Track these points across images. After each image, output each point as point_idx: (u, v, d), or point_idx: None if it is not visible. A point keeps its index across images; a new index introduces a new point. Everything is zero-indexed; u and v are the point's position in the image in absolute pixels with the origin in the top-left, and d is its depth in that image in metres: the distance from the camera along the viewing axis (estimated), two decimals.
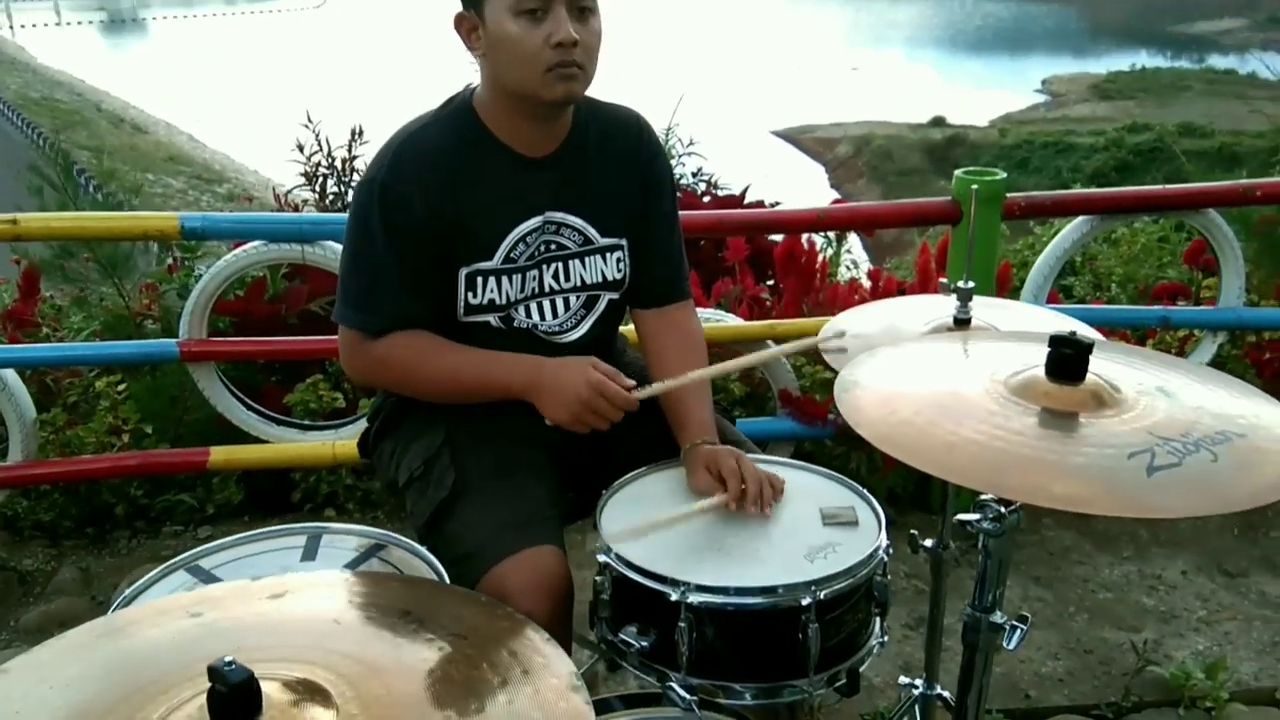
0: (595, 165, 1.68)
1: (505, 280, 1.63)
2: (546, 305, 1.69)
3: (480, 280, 1.62)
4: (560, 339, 1.70)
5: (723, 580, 1.38)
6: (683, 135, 5.07)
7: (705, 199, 4.60)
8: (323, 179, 4.69)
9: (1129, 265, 4.14)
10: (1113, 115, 28.16)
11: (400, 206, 1.55)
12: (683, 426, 1.67)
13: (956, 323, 1.72)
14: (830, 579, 1.38)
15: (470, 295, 1.63)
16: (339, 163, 4.68)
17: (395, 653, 1.04)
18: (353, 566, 1.51)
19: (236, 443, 2.98)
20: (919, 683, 1.89)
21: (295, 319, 3.24)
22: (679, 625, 1.36)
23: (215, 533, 2.95)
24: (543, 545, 1.49)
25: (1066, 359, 1.24)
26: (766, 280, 3.74)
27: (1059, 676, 2.43)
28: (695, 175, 5.11)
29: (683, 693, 1.38)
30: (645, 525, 1.45)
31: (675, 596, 1.36)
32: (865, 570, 1.43)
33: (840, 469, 1.68)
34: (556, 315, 1.70)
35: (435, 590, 1.33)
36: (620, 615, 1.45)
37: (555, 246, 1.67)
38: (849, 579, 1.40)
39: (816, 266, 3.32)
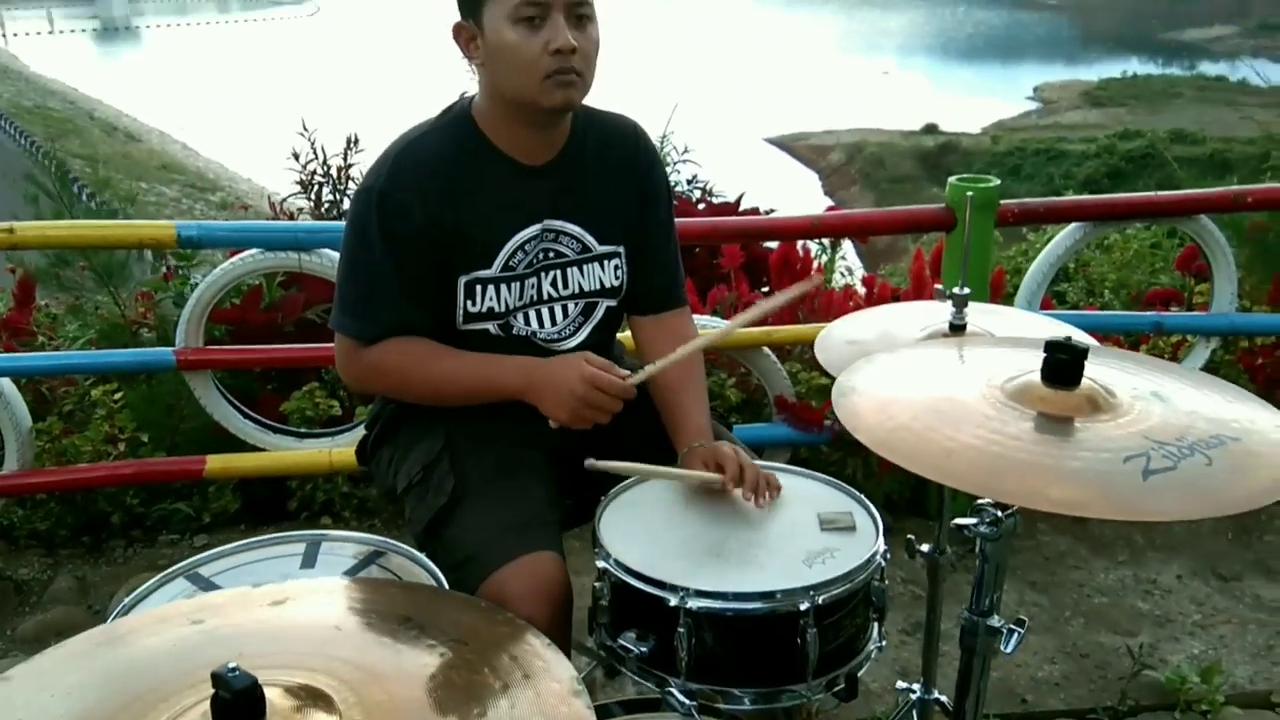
0: (593, 173, 1.69)
1: (504, 288, 1.64)
2: (545, 313, 1.70)
3: (479, 288, 1.63)
4: (558, 346, 1.71)
5: (722, 585, 1.38)
6: (677, 143, 5.08)
7: (700, 206, 4.61)
8: (318, 187, 4.69)
9: (1122, 271, 4.16)
10: (1104, 122, 28.32)
11: (399, 214, 1.56)
12: (680, 431, 1.68)
13: (952, 329, 1.73)
14: (828, 584, 1.38)
15: (469, 303, 1.63)
16: (334, 171, 4.67)
17: (396, 658, 1.04)
18: (352, 573, 1.51)
19: (233, 451, 2.98)
20: (916, 688, 1.89)
21: (291, 327, 3.24)
22: (678, 630, 1.36)
23: (211, 541, 2.95)
24: (542, 551, 1.49)
25: (1062, 364, 1.25)
26: (761, 287, 3.75)
27: (1055, 681, 2.44)
28: (690, 183, 5.12)
29: (682, 698, 1.38)
30: (641, 529, 1.44)
31: (674, 602, 1.36)
32: (863, 575, 1.43)
33: (836, 475, 1.68)
34: (555, 322, 1.71)
35: (435, 596, 1.33)
36: (619, 621, 1.45)
37: (553, 254, 1.68)
38: (847, 584, 1.40)
39: (811, 273, 3.34)
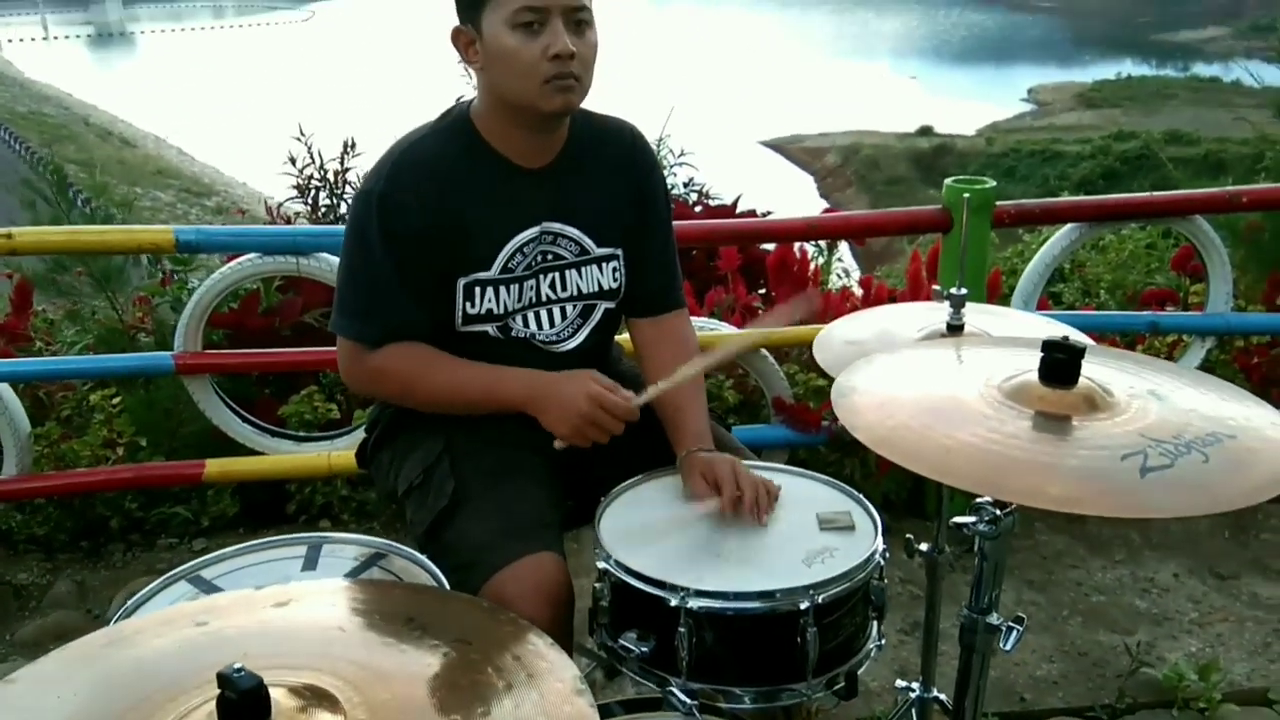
0: (591, 176, 1.69)
1: (503, 290, 1.65)
2: (544, 315, 1.70)
3: (478, 290, 1.63)
4: (557, 348, 1.71)
5: (722, 585, 1.39)
6: (674, 146, 5.09)
7: (697, 209, 4.62)
8: (315, 191, 4.69)
9: (1117, 272, 4.18)
10: (1099, 123, 28.41)
11: (399, 216, 1.56)
12: (679, 434, 1.68)
13: (950, 329, 1.74)
14: (828, 583, 1.39)
15: (468, 305, 1.64)
16: (331, 175, 4.67)
17: (400, 658, 1.05)
18: (353, 575, 1.51)
19: (231, 455, 2.98)
20: (916, 686, 1.90)
21: (289, 331, 3.24)
22: (679, 630, 1.37)
23: (210, 545, 2.95)
24: (543, 552, 1.50)
25: (1059, 363, 1.26)
26: (759, 289, 3.76)
27: (1054, 679, 2.45)
28: (687, 185, 5.13)
29: (683, 697, 1.38)
30: (641, 529, 1.45)
31: (675, 602, 1.37)
32: (862, 574, 1.44)
33: (834, 476, 1.69)
34: (554, 325, 1.71)
35: (438, 597, 1.33)
36: (620, 621, 1.46)
37: (552, 257, 1.68)
38: (846, 583, 1.41)
39: (809, 275, 3.35)
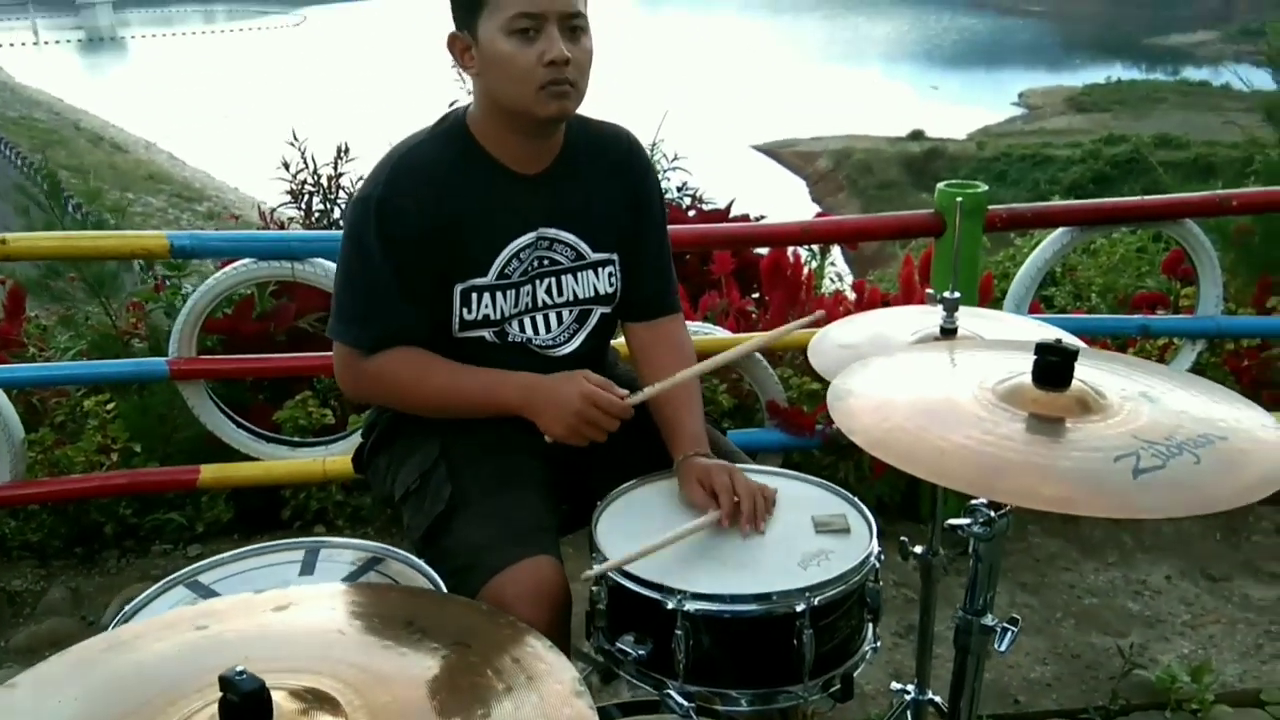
0: (587, 181, 1.70)
1: (499, 295, 1.65)
2: (540, 320, 1.71)
3: (475, 296, 1.64)
4: (554, 353, 1.72)
5: (718, 588, 1.39)
6: (667, 150, 5.11)
7: (690, 213, 4.63)
8: (308, 196, 4.70)
9: (1108, 275, 4.20)
10: (1089, 127, 28.54)
11: (396, 221, 1.57)
12: (675, 438, 1.69)
13: (943, 332, 1.74)
14: (824, 585, 1.40)
15: (465, 311, 1.64)
16: (325, 180, 4.68)
17: (400, 661, 1.05)
18: (351, 580, 1.52)
19: (225, 460, 2.98)
20: (911, 689, 1.90)
21: (283, 336, 3.25)
22: (675, 633, 1.38)
23: (205, 551, 2.94)
24: (540, 555, 1.50)
25: (1053, 365, 1.27)
26: (752, 293, 3.77)
27: (1047, 681, 2.46)
28: (680, 190, 5.15)
29: (681, 700, 1.39)
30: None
31: (671, 605, 1.38)
32: (858, 576, 1.45)
33: (829, 479, 1.70)
34: (550, 330, 1.72)
35: (437, 600, 1.34)
36: (617, 624, 1.46)
37: (548, 262, 1.69)
38: (842, 585, 1.42)
39: (802, 279, 3.36)
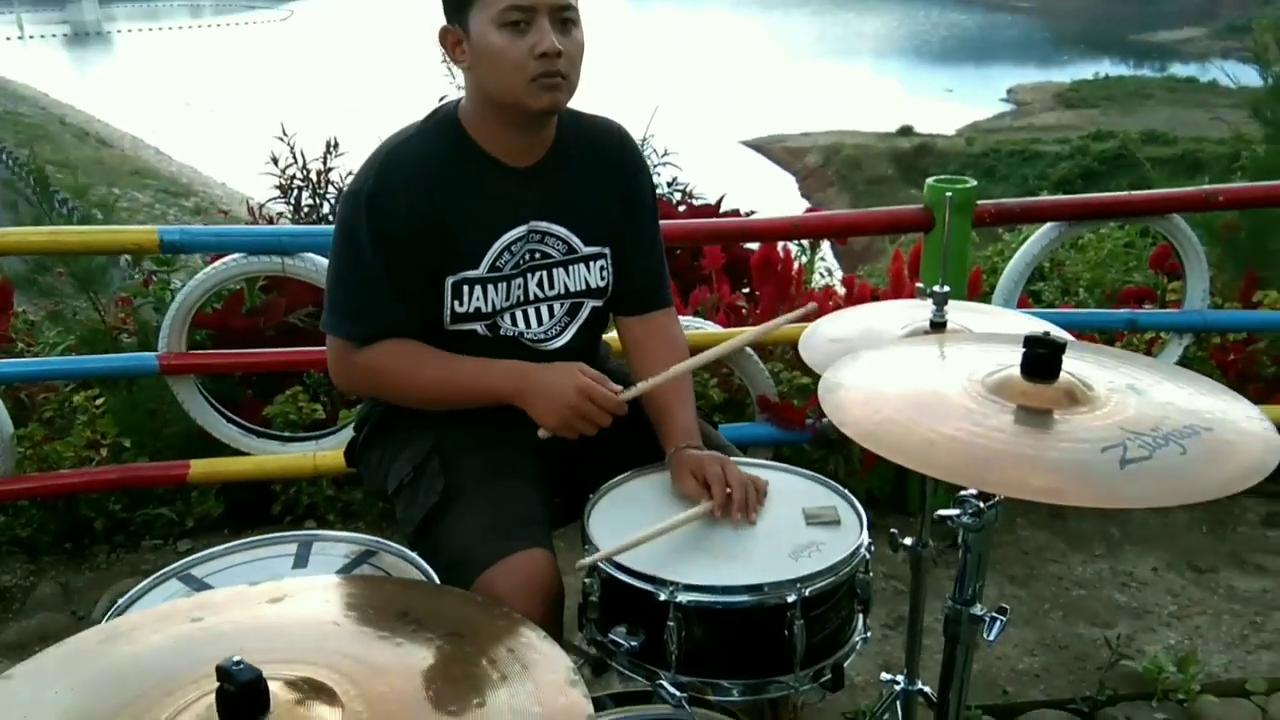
0: (578, 175, 1.71)
1: (491, 289, 1.66)
2: (531, 313, 1.72)
3: (466, 289, 1.64)
4: (545, 346, 1.73)
5: (710, 579, 1.40)
6: (657, 146, 5.11)
7: (681, 208, 4.64)
8: (298, 191, 4.68)
9: (1096, 270, 4.22)
10: (1077, 123, 28.63)
11: (388, 215, 1.57)
12: (667, 431, 1.69)
13: (933, 326, 1.76)
14: (815, 576, 1.41)
15: (456, 304, 1.65)
16: (314, 175, 4.67)
17: (396, 652, 1.06)
18: (344, 572, 1.53)
19: (214, 455, 2.97)
20: (900, 679, 1.92)
21: (273, 331, 3.24)
22: (668, 624, 1.39)
23: (196, 546, 2.94)
24: (533, 549, 1.51)
25: (1041, 358, 1.28)
26: (742, 288, 3.78)
27: (1035, 672, 2.48)
28: (671, 185, 5.15)
29: (673, 690, 1.40)
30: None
31: (664, 596, 1.39)
32: (848, 567, 1.46)
33: (819, 473, 1.71)
34: (541, 323, 1.73)
35: (431, 591, 1.35)
36: (609, 616, 1.47)
37: (540, 255, 1.70)
38: (833, 576, 1.43)
39: (792, 274, 3.37)
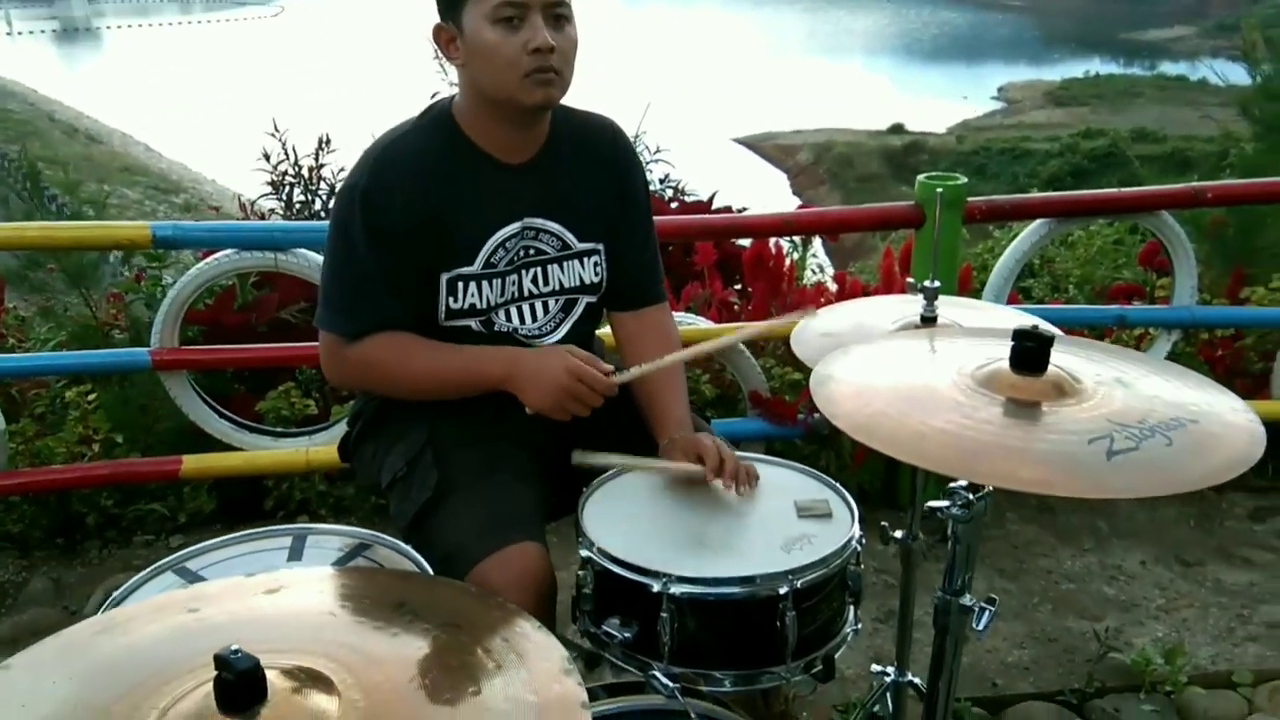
0: (572, 171, 1.72)
1: (485, 285, 1.67)
2: (526, 309, 1.73)
3: (461, 285, 1.65)
4: (539, 342, 1.73)
5: (703, 571, 1.41)
6: (649, 142, 5.12)
7: (673, 205, 4.65)
8: (289, 188, 4.68)
9: (1086, 267, 4.24)
10: (1067, 121, 28.70)
11: (382, 211, 1.58)
12: (661, 422, 1.71)
13: (923, 320, 1.77)
14: (806, 568, 1.42)
15: (451, 300, 1.66)
16: (306, 171, 4.67)
17: (392, 642, 1.07)
18: (339, 565, 1.53)
19: (206, 451, 2.97)
20: (891, 670, 1.93)
21: (266, 327, 3.24)
22: (661, 616, 1.40)
23: (188, 541, 2.91)
24: (526, 542, 1.52)
25: (1029, 351, 1.30)
26: (735, 284, 3.79)
27: (1024, 665, 2.50)
28: (663, 182, 5.16)
29: (666, 681, 1.41)
30: (624, 518, 1.47)
31: (657, 588, 1.40)
32: (840, 560, 1.47)
33: (810, 467, 1.73)
34: (536, 319, 1.74)
35: (427, 583, 1.35)
36: (602, 608, 1.48)
37: (534, 251, 1.71)
38: (824, 568, 1.44)
39: (784, 270, 3.38)
